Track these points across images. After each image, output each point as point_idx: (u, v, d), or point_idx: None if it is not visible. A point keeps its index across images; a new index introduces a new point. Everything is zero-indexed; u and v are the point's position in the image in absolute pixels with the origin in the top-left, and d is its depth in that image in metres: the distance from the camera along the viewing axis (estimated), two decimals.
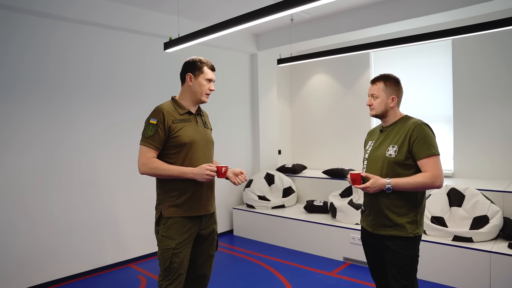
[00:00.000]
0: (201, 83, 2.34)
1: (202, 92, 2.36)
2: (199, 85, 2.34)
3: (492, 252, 3.31)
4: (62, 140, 3.93)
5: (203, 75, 2.34)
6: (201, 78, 2.34)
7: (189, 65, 2.37)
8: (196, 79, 2.34)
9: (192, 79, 2.35)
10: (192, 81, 2.35)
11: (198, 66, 2.34)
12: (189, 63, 2.37)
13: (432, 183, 2.08)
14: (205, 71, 2.35)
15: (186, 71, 2.37)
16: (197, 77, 2.34)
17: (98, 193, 4.18)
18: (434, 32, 3.73)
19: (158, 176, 2.27)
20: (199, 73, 2.34)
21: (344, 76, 5.98)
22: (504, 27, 3.37)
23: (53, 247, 3.85)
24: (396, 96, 2.26)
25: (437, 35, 3.73)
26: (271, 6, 2.64)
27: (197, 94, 2.35)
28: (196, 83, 2.34)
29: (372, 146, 2.33)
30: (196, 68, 2.34)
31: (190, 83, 2.35)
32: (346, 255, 4.29)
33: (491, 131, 4.59)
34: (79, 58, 4.03)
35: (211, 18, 4.68)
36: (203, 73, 2.34)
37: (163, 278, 2.26)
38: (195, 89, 2.35)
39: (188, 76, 2.35)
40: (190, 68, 2.36)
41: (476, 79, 4.67)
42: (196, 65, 2.34)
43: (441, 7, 3.96)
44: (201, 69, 2.34)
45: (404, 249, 2.16)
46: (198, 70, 2.34)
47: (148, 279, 3.96)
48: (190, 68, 2.36)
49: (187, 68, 2.37)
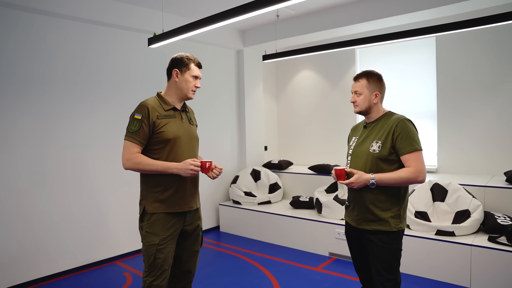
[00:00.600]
0: (187, 79, 2.33)
1: (188, 89, 2.35)
2: (185, 82, 2.33)
3: (473, 246, 3.39)
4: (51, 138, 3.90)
5: (190, 72, 2.33)
6: (187, 74, 2.33)
7: (176, 61, 2.36)
8: (182, 76, 2.33)
9: (178, 75, 2.34)
10: (178, 77, 2.34)
11: (185, 62, 2.33)
12: (176, 59, 2.36)
13: (415, 177, 2.11)
14: (192, 67, 2.34)
15: (172, 67, 2.35)
16: (183, 73, 2.33)
17: (84, 190, 4.14)
18: (418, 29, 3.78)
19: (142, 171, 2.25)
20: (186, 69, 2.33)
21: (330, 72, 6.01)
22: (486, 25, 3.43)
23: (38, 244, 3.80)
24: (379, 92, 2.28)
25: (421, 32, 3.78)
26: (256, 2, 2.64)
27: (183, 90, 2.35)
28: (182, 79, 2.33)
29: (356, 142, 2.36)
30: (183, 65, 2.33)
31: (176, 79, 2.34)
32: (332, 250, 4.33)
33: (474, 128, 4.67)
34: (67, 55, 3.99)
35: (196, 14, 4.64)
36: (190, 69, 2.33)
37: (148, 274, 2.25)
38: (181, 85, 2.34)
39: (174, 72, 2.34)
40: (177, 64, 2.35)
41: (459, 76, 4.74)
42: (183, 62, 2.34)
43: (425, 5, 4.01)
44: (188, 66, 2.33)
45: (387, 243, 2.18)
46: (185, 67, 2.33)
47: (134, 276, 3.94)
48: (177, 64, 2.35)
49: (174, 64, 2.36)
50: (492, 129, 4.53)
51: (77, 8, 3.88)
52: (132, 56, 4.54)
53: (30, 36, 3.72)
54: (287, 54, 4.67)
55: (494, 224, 3.54)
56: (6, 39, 3.57)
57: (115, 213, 4.40)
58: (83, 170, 4.14)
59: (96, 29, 4.20)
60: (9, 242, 3.62)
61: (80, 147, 4.11)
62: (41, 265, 3.83)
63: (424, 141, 4.91)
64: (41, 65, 3.81)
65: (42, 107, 3.83)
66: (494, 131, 4.52)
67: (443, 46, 4.84)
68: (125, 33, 4.46)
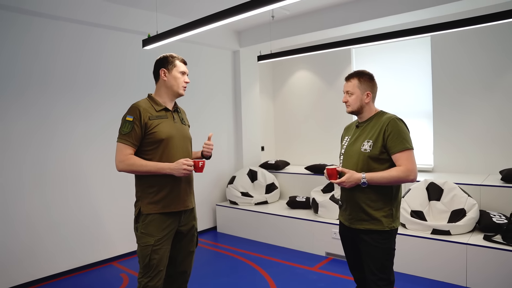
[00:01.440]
0: (176, 76, 2.36)
1: (178, 85, 2.37)
2: (174, 79, 2.36)
3: (469, 244, 3.39)
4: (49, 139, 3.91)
5: (176, 68, 2.36)
6: (174, 71, 2.36)
7: (161, 61, 2.39)
8: (170, 73, 2.36)
9: (166, 74, 2.36)
10: (166, 76, 2.36)
11: (170, 60, 2.37)
12: (160, 59, 2.40)
13: (406, 176, 2.11)
14: (178, 64, 2.37)
15: (159, 67, 2.38)
16: (170, 71, 2.36)
17: (80, 191, 4.14)
18: (413, 28, 3.79)
19: (135, 173, 2.26)
20: (172, 67, 2.36)
21: (326, 72, 6.02)
22: (480, 24, 3.44)
23: (33, 246, 3.80)
24: (371, 92, 2.29)
25: (416, 31, 3.79)
26: (251, 2, 2.65)
27: (173, 87, 2.37)
28: (170, 77, 2.36)
29: (348, 142, 2.36)
30: (169, 63, 2.36)
31: (165, 78, 2.36)
32: (328, 250, 4.33)
33: (469, 127, 4.68)
34: (62, 57, 3.99)
35: (191, 15, 4.64)
36: (176, 66, 2.37)
37: (143, 275, 2.26)
38: (170, 83, 2.36)
39: (162, 72, 2.37)
40: (162, 64, 2.38)
41: (455, 75, 4.75)
42: (168, 60, 2.37)
43: (420, 5, 4.02)
44: (173, 63, 2.36)
45: (380, 243, 2.19)
46: (171, 64, 2.36)
47: (131, 277, 3.94)
48: (162, 64, 2.38)
49: (160, 64, 2.39)
50: (487, 128, 4.54)
51: (72, 10, 3.88)
52: (127, 58, 4.55)
53: (26, 38, 3.73)
54: (282, 55, 4.67)
55: (490, 223, 3.55)
56: (2, 41, 3.58)
57: (112, 214, 4.40)
58: (80, 171, 4.14)
59: (91, 31, 4.20)
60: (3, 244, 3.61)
61: (77, 148, 4.11)
62: (38, 266, 3.82)
63: (419, 140, 5.00)
64: (38, 67, 3.81)
65: (39, 109, 3.83)
66: (489, 129, 4.53)
67: (438, 45, 4.85)
68: (120, 34, 4.46)
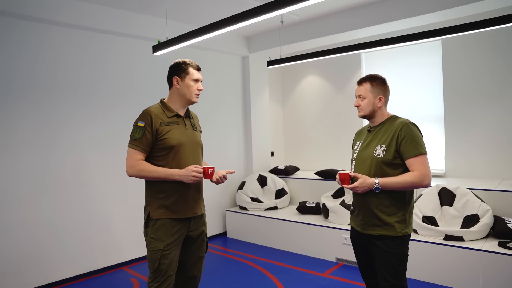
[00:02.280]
0: (188, 84, 2.34)
1: (191, 93, 2.35)
2: (187, 87, 2.34)
3: (483, 251, 3.33)
4: (54, 144, 3.92)
5: (189, 76, 2.34)
6: (187, 79, 2.34)
7: (174, 68, 2.37)
8: (183, 81, 2.34)
9: (179, 82, 2.35)
10: (179, 84, 2.35)
11: (183, 68, 2.35)
12: (174, 66, 2.38)
13: (420, 182, 2.08)
14: (191, 72, 2.35)
15: (172, 75, 2.37)
16: (183, 79, 2.34)
17: (89, 196, 4.16)
18: (423, 32, 3.75)
19: (145, 178, 2.26)
20: (185, 74, 2.34)
21: (336, 77, 6.00)
22: (491, 27, 3.40)
23: (43, 251, 3.82)
24: (383, 96, 2.27)
25: (427, 35, 3.75)
26: (260, 7, 2.65)
27: (186, 95, 2.35)
28: (183, 85, 2.34)
29: (360, 146, 2.34)
30: (181, 70, 2.34)
31: (177, 86, 2.35)
32: (339, 256, 4.29)
33: (481, 131, 4.62)
34: (70, 62, 4.03)
35: (200, 21, 4.66)
36: (189, 74, 2.34)
37: (152, 280, 2.26)
38: (183, 91, 2.35)
39: (174, 80, 2.35)
40: (175, 71, 2.36)
41: (466, 79, 4.70)
42: (181, 68, 2.35)
43: (430, 8, 3.99)
44: (186, 71, 2.34)
45: (393, 249, 2.16)
46: (184, 72, 2.34)
47: (141, 282, 3.94)
48: (175, 71, 2.36)
49: (173, 71, 2.37)
50: (501, 132, 4.47)
51: (82, 16, 3.92)
52: (136, 64, 4.58)
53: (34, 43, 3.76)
54: (291, 60, 4.67)
55: (505, 229, 3.48)
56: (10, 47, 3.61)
57: (121, 219, 4.41)
58: (86, 176, 4.15)
59: (101, 37, 4.24)
60: (12, 249, 3.63)
61: (83, 153, 4.13)
62: (45, 273, 3.84)
63: (431, 145, 4.95)
64: (44, 72, 3.84)
65: (44, 113, 3.85)
66: (503, 133, 4.46)
67: (449, 49, 4.80)
68: (129, 40, 4.50)
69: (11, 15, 3.56)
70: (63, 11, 3.79)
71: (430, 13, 4.00)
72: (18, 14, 3.53)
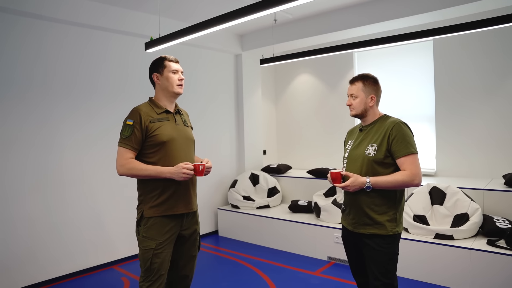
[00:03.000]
0: (168, 76, 2.35)
1: (172, 85, 2.36)
2: (167, 79, 2.35)
3: (472, 249, 3.37)
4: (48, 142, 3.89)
5: (167, 69, 2.36)
6: (166, 72, 2.35)
7: (152, 66, 2.41)
8: (162, 76, 2.36)
9: (159, 78, 2.37)
10: (160, 79, 2.37)
11: (160, 63, 2.37)
12: (151, 65, 2.42)
13: (411, 181, 2.09)
14: (168, 64, 2.36)
15: (151, 73, 2.40)
16: (162, 73, 2.36)
17: (81, 195, 4.13)
18: (415, 32, 3.78)
19: (136, 177, 2.25)
20: (163, 68, 2.36)
21: (328, 76, 6.02)
22: (483, 28, 3.43)
23: (34, 249, 3.78)
24: (375, 95, 2.28)
25: (418, 35, 3.77)
26: (253, 5, 2.64)
27: (168, 88, 2.36)
28: (163, 79, 2.36)
29: (351, 145, 2.35)
30: (159, 66, 2.37)
31: (159, 82, 2.38)
32: (330, 255, 4.31)
33: (471, 131, 4.66)
34: (64, 60, 3.99)
35: (193, 18, 4.64)
36: (167, 66, 2.36)
37: (144, 279, 2.24)
38: (164, 84, 2.36)
39: (155, 77, 2.38)
40: (153, 68, 2.39)
41: (457, 78, 4.74)
42: (158, 63, 2.38)
43: (423, 8, 4.02)
44: (163, 65, 2.36)
45: (384, 247, 2.17)
46: (161, 67, 2.36)
47: (132, 281, 3.92)
48: (153, 68, 2.39)
49: (152, 69, 2.40)
50: (490, 132, 4.53)
51: (74, 13, 3.88)
52: (129, 61, 4.54)
53: (27, 40, 3.73)
54: (284, 58, 4.67)
55: (493, 228, 3.52)
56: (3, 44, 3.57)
57: (113, 217, 4.39)
58: (81, 175, 4.13)
59: (93, 34, 4.20)
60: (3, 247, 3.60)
61: (78, 151, 4.11)
62: (37, 270, 3.80)
63: (422, 144, 4.98)
64: (39, 70, 3.81)
65: (40, 112, 3.83)
66: (492, 134, 4.52)
67: (440, 49, 4.84)
68: (122, 37, 4.46)
69: (8, 11, 3.53)
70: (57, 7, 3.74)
71: (422, 13, 4.03)
72: (16, 10, 3.51)
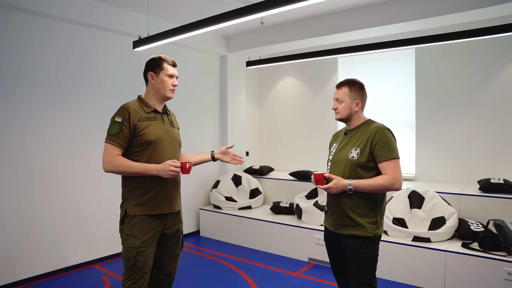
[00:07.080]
0: (163, 79, 2.35)
1: (165, 88, 2.36)
2: (161, 82, 2.35)
3: (447, 251, 3.48)
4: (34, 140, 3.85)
5: (164, 72, 2.35)
6: (162, 74, 2.35)
7: (150, 63, 2.39)
8: (157, 77, 2.35)
9: (153, 78, 2.36)
10: (154, 80, 2.36)
11: (158, 63, 2.36)
12: (149, 62, 2.40)
13: (391, 185, 2.16)
14: (165, 67, 2.36)
15: (147, 70, 2.39)
16: (158, 74, 2.35)
17: (64, 193, 4.08)
18: (398, 40, 3.90)
19: (122, 174, 2.25)
20: (160, 70, 2.35)
21: (312, 80, 6.10)
22: (461, 39, 3.60)
23: (13, 248, 3.71)
24: (360, 101, 2.34)
25: (401, 43, 3.90)
26: (241, 9, 2.68)
27: (161, 91, 2.36)
28: (158, 80, 2.35)
29: (336, 148, 2.41)
30: (156, 66, 2.36)
31: (152, 82, 2.37)
32: (311, 256, 4.37)
33: (450, 137, 4.80)
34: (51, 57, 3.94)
35: (181, 18, 4.66)
36: (164, 69, 2.35)
37: (127, 277, 2.25)
38: (158, 86, 2.36)
39: (149, 75, 2.37)
40: (150, 66, 2.38)
41: (438, 86, 4.88)
42: (156, 63, 2.36)
43: (407, 17, 4.13)
44: (161, 66, 2.35)
45: (364, 248, 2.23)
46: (159, 68, 2.35)
47: (112, 280, 3.90)
48: (150, 66, 2.38)
49: (148, 67, 2.39)
50: (467, 139, 4.67)
51: (62, 9, 3.84)
52: (116, 59, 4.51)
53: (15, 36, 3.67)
54: (270, 61, 4.72)
55: (468, 231, 3.65)
56: None
57: (94, 216, 4.34)
58: (64, 173, 4.07)
59: (81, 30, 4.16)
60: None
61: (64, 149, 4.06)
62: (15, 269, 3.74)
63: (402, 149, 5.04)
64: (26, 67, 3.75)
65: (25, 109, 3.77)
66: (469, 141, 4.66)
67: (422, 57, 4.97)
68: (110, 35, 4.43)
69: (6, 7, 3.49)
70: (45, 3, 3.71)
71: (406, 21, 4.15)
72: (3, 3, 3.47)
